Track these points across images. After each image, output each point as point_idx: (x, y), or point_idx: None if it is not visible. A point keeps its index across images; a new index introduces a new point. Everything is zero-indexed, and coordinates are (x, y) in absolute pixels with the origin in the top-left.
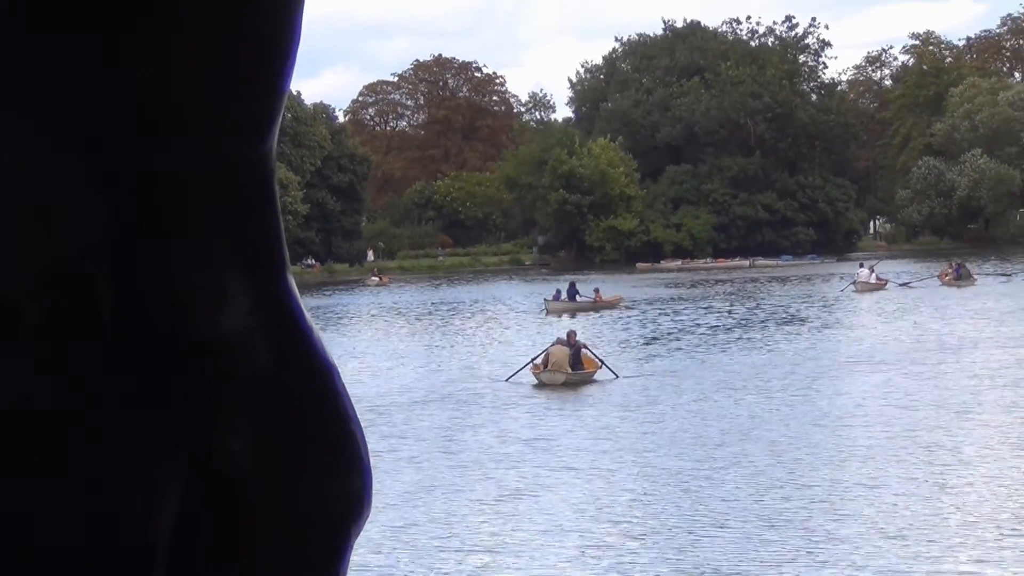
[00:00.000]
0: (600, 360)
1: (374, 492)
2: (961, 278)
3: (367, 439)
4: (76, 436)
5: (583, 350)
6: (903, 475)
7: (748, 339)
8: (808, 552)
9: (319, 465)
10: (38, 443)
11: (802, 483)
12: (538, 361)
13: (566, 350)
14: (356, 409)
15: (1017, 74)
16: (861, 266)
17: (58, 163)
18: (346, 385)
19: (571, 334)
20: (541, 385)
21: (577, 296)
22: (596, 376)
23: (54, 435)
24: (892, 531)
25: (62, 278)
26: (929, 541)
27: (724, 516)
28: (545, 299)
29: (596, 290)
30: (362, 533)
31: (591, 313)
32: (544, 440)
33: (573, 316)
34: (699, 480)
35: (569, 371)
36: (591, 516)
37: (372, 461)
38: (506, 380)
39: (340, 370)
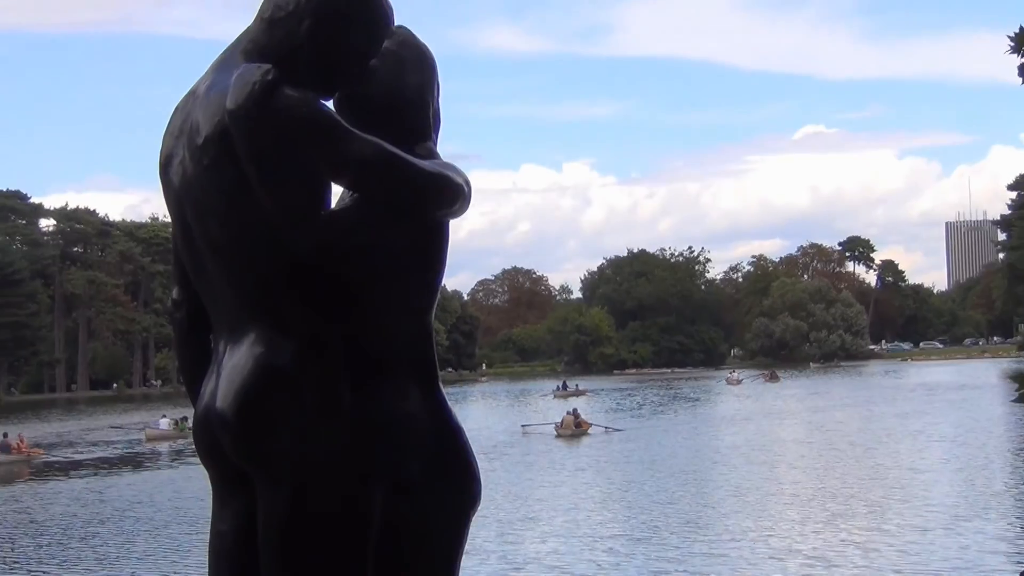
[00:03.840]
0: (592, 423)
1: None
2: (773, 379)
3: (478, 462)
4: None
5: (581, 418)
6: (759, 476)
7: (670, 409)
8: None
9: (452, 478)
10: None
11: (707, 484)
12: (558, 422)
13: (571, 418)
14: (472, 445)
15: (806, 276)
16: (732, 372)
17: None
18: (466, 432)
19: (575, 411)
20: (559, 436)
21: (567, 388)
22: (589, 432)
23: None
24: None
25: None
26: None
27: (671, 509)
28: (553, 390)
29: (576, 385)
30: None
31: (581, 396)
32: (561, 463)
33: (566, 399)
34: (651, 487)
35: (574, 429)
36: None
37: (482, 474)
38: (522, 427)
39: (464, 425)
